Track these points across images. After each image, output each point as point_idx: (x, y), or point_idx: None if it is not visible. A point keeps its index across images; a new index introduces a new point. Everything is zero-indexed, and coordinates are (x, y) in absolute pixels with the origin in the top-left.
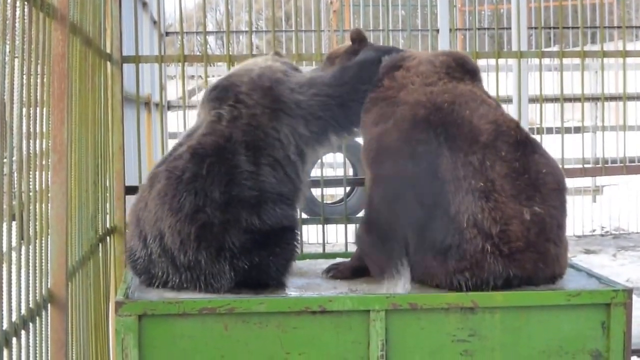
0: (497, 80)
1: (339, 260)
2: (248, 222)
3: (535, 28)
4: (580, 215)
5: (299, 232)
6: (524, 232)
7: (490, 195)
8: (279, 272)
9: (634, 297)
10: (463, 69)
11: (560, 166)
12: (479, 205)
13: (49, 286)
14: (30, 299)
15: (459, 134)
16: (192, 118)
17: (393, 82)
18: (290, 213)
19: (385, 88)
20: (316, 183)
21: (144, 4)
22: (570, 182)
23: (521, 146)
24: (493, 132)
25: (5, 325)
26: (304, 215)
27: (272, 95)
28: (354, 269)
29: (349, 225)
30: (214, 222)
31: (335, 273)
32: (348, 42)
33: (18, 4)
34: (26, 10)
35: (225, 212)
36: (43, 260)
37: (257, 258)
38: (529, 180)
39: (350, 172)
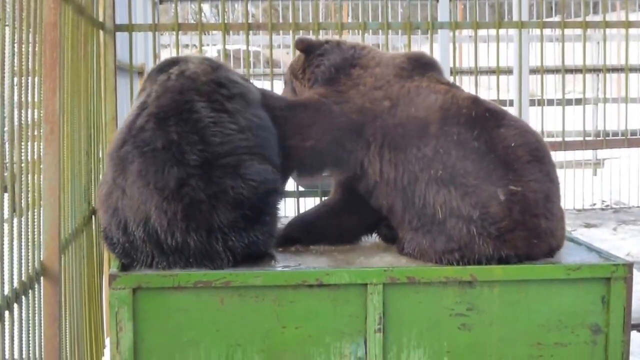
0: (498, 50)
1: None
2: (235, 189)
3: None
4: (581, 189)
5: (282, 195)
6: (505, 212)
7: (454, 180)
8: (270, 240)
9: (634, 271)
10: (414, 65)
11: (561, 139)
12: (445, 194)
13: (41, 259)
14: (23, 272)
15: (407, 133)
16: None
17: (348, 79)
18: (272, 176)
19: (340, 84)
20: None
21: None
22: (570, 155)
23: (478, 123)
24: (440, 119)
25: None
26: (301, 188)
27: (214, 74)
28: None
29: None
30: (201, 197)
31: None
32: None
33: None
34: None
35: (210, 183)
36: (35, 233)
37: (254, 235)
38: (496, 158)
39: None
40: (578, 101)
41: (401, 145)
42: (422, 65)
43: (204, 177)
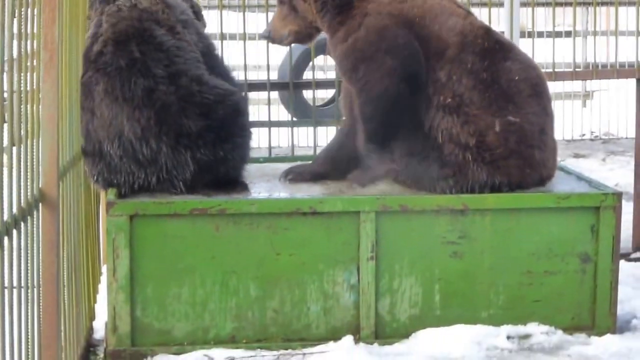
0: None
1: (300, 163)
2: (201, 93)
3: None
4: (570, 120)
5: (248, 117)
6: (501, 140)
7: (459, 109)
8: (241, 165)
9: (623, 201)
10: None
11: (551, 70)
12: (449, 121)
13: (40, 186)
14: (22, 198)
15: (428, 50)
16: None
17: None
18: (235, 89)
19: (354, 7)
20: (307, 85)
21: None
22: (560, 86)
23: (489, 54)
24: (459, 45)
25: None
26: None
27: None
28: (315, 174)
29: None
30: (171, 100)
31: (295, 176)
32: None
33: None
34: None
35: (179, 87)
36: (34, 161)
37: (221, 151)
38: (499, 90)
39: None
40: (568, 34)
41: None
42: None
43: (172, 83)
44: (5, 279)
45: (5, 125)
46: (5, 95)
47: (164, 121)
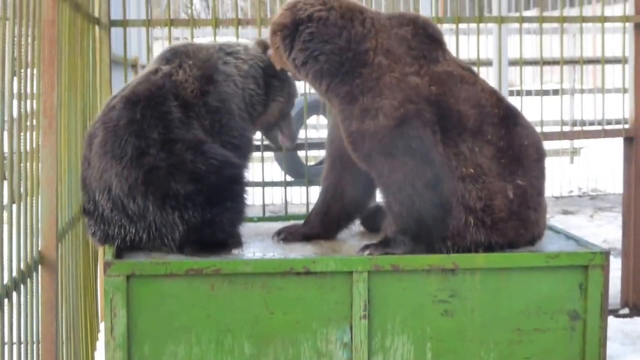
0: (478, 44)
1: (292, 222)
2: (193, 163)
3: None
4: (558, 177)
5: (247, 185)
6: (507, 204)
7: (479, 178)
8: (233, 228)
9: (611, 257)
10: (431, 40)
11: (539, 129)
12: (468, 189)
13: (39, 248)
14: (22, 260)
15: (449, 126)
16: None
17: (370, 70)
18: (235, 161)
19: (361, 80)
20: (300, 145)
21: None
22: (548, 144)
23: (504, 123)
24: (478, 117)
25: None
26: (289, 178)
27: (208, 82)
28: (305, 235)
29: None
30: (160, 165)
31: (287, 236)
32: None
33: None
34: None
35: (170, 154)
36: (34, 222)
37: (209, 214)
38: (512, 155)
39: None
40: (556, 92)
41: (445, 140)
42: (436, 40)
43: (164, 149)
44: (6, 335)
45: (5, 183)
46: (6, 152)
47: (151, 182)
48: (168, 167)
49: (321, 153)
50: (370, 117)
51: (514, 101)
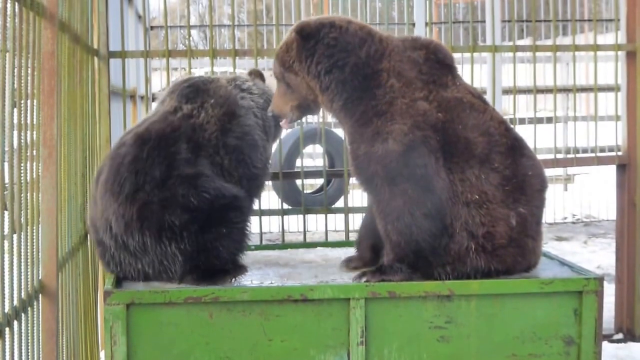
0: (472, 73)
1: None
2: (185, 197)
3: (509, 21)
4: (552, 203)
5: (246, 213)
6: (508, 232)
7: (483, 204)
8: (232, 254)
9: (605, 283)
10: (442, 65)
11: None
12: (472, 214)
13: (40, 277)
14: (23, 289)
15: (456, 152)
16: None
17: (383, 92)
18: (232, 191)
19: (375, 102)
20: (296, 174)
21: (129, 0)
22: None
23: (511, 152)
24: (487, 145)
25: None
26: (285, 206)
27: (231, 119)
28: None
29: (328, 215)
30: (153, 200)
31: (357, 264)
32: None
33: (9, 3)
34: (16, 9)
35: (163, 189)
36: (34, 252)
37: (204, 242)
38: (516, 183)
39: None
40: (549, 120)
41: (450, 166)
42: (447, 66)
43: (158, 185)
44: None
45: (6, 213)
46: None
47: (145, 217)
48: (160, 202)
49: (318, 182)
50: (380, 141)
51: None
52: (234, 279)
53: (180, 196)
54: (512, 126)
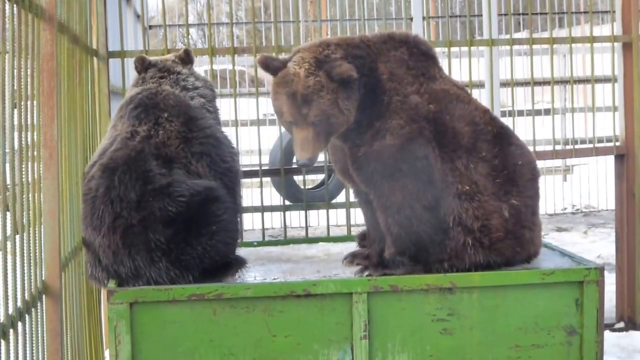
0: (470, 66)
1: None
2: (162, 210)
3: (506, 14)
4: (552, 194)
5: (224, 201)
6: (503, 224)
7: (474, 196)
8: (229, 245)
9: (605, 272)
10: (427, 57)
11: (532, 148)
12: (464, 207)
13: (43, 278)
14: (26, 290)
15: (445, 142)
16: None
17: (383, 96)
18: (203, 184)
19: (378, 105)
20: (297, 170)
21: (128, 0)
22: (541, 163)
23: (498, 141)
24: (472, 134)
25: (2, 318)
26: (287, 202)
27: (191, 127)
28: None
29: (329, 210)
30: (133, 223)
31: (362, 260)
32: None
33: (7, 5)
34: (15, 11)
35: (140, 209)
36: (37, 253)
37: (202, 247)
38: (507, 175)
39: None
40: (547, 111)
41: (442, 155)
42: (431, 57)
43: (135, 206)
44: None
45: (9, 214)
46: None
47: (131, 243)
48: (140, 222)
49: (318, 177)
50: (378, 139)
51: (506, 121)
52: (237, 273)
53: (158, 210)
54: (496, 115)
